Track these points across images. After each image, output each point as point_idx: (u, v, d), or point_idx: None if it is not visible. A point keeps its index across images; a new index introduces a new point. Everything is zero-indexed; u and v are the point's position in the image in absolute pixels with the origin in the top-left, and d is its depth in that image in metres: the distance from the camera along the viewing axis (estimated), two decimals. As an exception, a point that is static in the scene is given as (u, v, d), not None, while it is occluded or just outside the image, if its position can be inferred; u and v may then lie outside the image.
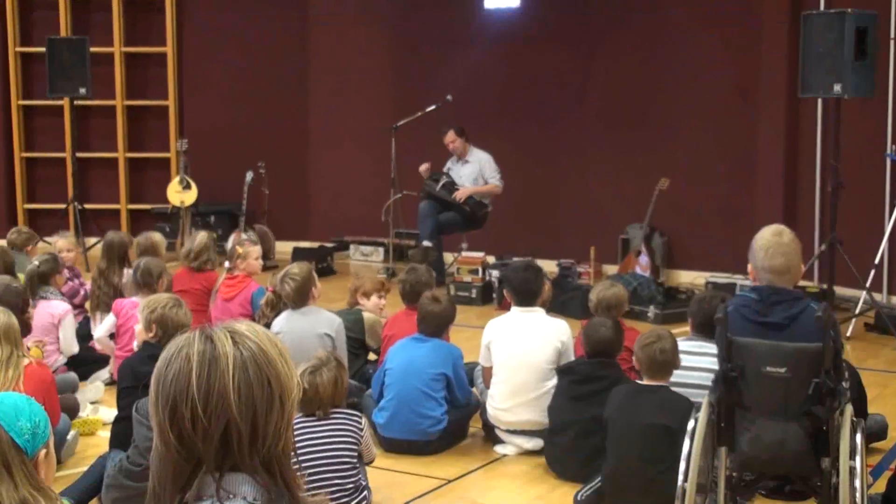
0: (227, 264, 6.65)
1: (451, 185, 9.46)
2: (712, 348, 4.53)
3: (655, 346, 4.51)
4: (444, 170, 9.67)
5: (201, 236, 6.95)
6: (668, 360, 4.53)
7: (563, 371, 5.07)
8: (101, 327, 6.35)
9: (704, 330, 4.81)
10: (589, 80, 10.11)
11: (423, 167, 9.53)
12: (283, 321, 5.63)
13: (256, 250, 6.91)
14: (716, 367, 4.11)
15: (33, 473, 2.17)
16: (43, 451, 2.22)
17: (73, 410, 5.51)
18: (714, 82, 9.49)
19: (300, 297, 5.61)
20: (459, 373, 5.40)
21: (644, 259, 9.17)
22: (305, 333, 5.51)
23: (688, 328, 5.20)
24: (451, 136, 9.49)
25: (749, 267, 4.05)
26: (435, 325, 5.42)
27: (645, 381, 4.58)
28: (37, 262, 6.25)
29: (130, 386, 4.77)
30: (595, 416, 4.70)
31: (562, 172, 10.22)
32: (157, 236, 7.13)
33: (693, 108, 9.57)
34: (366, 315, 6.17)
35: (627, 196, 9.73)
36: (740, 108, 9.39)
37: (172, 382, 1.54)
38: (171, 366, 1.56)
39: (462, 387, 5.42)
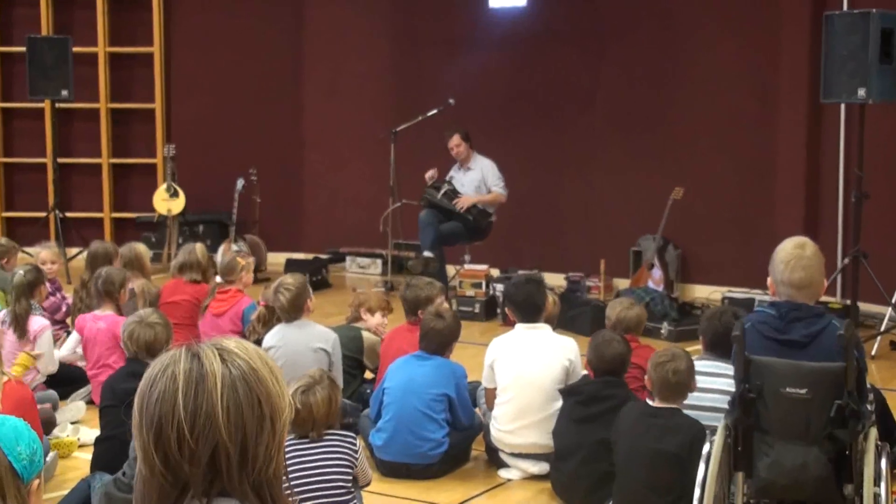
0: (218, 278, 6.64)
1: (453, 194, 9.46)
2: (727, 369, 4.53)
3: (669, 366, 4.49)
4: (447, 178, 9.68)
5: (200, 249, 6.95)
6: (681, 382, 4.50)
7: (568, 392, 5.05)
8: (65, 347, 6.33)
9: (716, 349, 4.80)
10: (599, 84, 10.13)
11: (430, 173, 9.51)
12: (276, 335, 5.64)
13: (252, 262, 6.98)
14: (731, 388, 4.11)
15: (26, 502, 2.17)
16: (36, 482, 2.22)
17: (48, 425, 5.50)
18: (731, 86, 9.49)
19: (295, 310, 5.62)
20: (463, 393, 5.39)
21: (657, 272, 9.16)
22: (300, 348, 5.52)
23: (701, 346, 5.19)
24: (455, 140, 9.49)
25: (769, 280, 4.05)
26: (437, 343, 5.42)
27: (656, 403, 4.57)
28: (22, 272, 6.23)
29: (111, 405, 4.77)
30: (602, 440, 4.69)
31: (570, 181, 10.22)
32: (140, 247, 7.14)
33: (709, 113, 9.58)
34: (365, 334, 6.17)
35: (639, 206, 9.73)
36: (759, 114, 9.40)
37: (157, 403, 1.54)
38: (155, 385, 1.56)
39: (465, 408, 5.42)
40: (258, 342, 5.55)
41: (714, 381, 4.70)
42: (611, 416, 4.68)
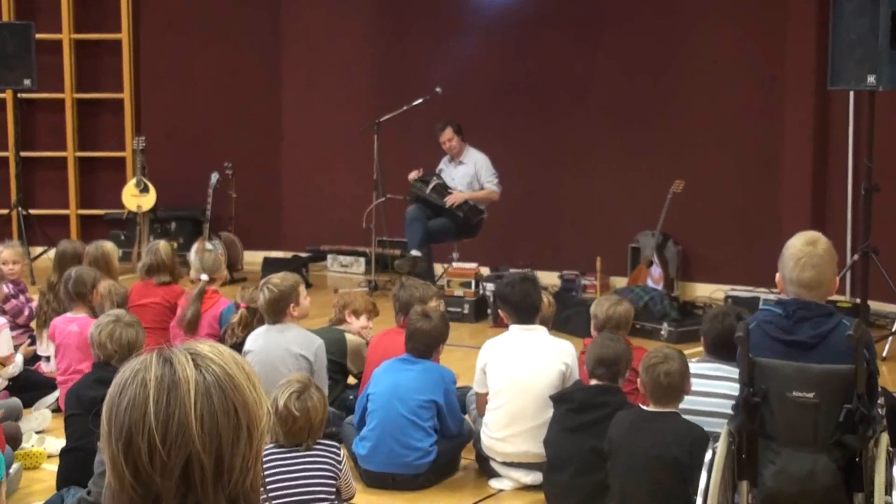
0: (203, 276, 6.57)
1: (443, 188, 9.46)
2: (730, 371, 4.54)
3: (660, 368, 4.49)
4: (436, 171, 9.67)
5: (164, 247, 6.92)
6: (674, 385, 4.49)
7: (559, 399, 5.04)
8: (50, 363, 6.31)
9: (719, 350, 4.80)
10: (594, 73, 10.13)
11: (413, 175, 9.53)
12: (256, 338, 5.62)
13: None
14: (735, 392, 4.12)
15: None
16: None
17: (15, 440, 5.49)
18: (733, 74, 9.51)
19: (273, 312, 5.59)
20: (451, 399, 5.39)
21: (656, 270, 9.18)
22: (280, 353, 5.49)
23: (703, 348, 5.19)
24: (448, 134, 9.49)
25: (777, 277, 4.06)
26: (424, 344, 5.42)
27: (651, 408, 4.56)
28: None
29: (76, 414, 4.76)
30: (595, 449, 4.69)
31: (564, 174, 10.23)
32: (108, 245, 7.11)
33: (710, 102, 9.59)
34: (349, 336, 6.16)
35: (637, 200, 9.75)
36: (763, 103, 9.42)
37: (127, 411, 1.54)
38: (125, 392, 1.55)
39: (454, 415, 5.41)
40: (236, 346, 5.54)
41: (717, 385, 4.70)
42: (605, 425, 4.67)
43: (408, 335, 5.44)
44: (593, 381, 4.94)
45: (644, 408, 4.61)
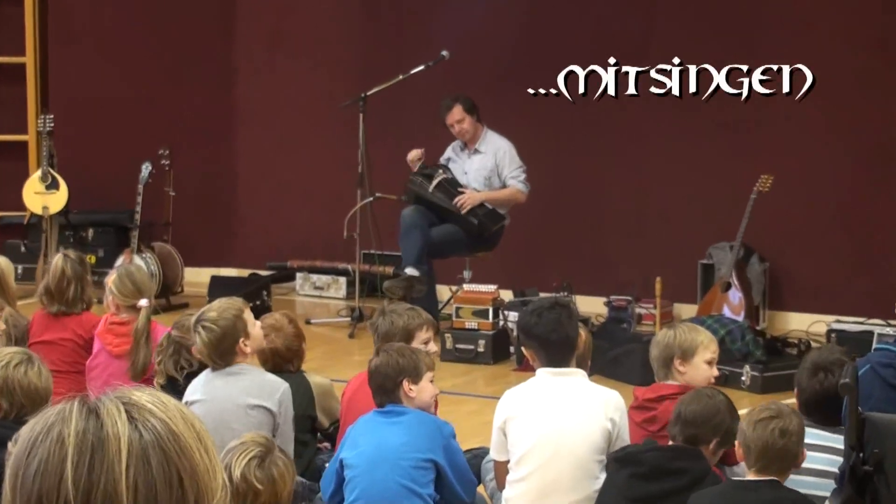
0: (143, 302, 6.55)
1: (452, 185, 9.42)
2: (832, 440, 4.54)
3: (774, 423, 4.44)
4: (442, 160, 9.64)
5: (56, 264, 6.88)
6: (790, 449, 4.43)
7: (623, 460, 5.03)
8: None
9: (817, 412, 4.78)
10: (652, 33, 10.14)
11: (414, 154, 9.48)
12: (201, 386, 5.62)
13: None
14: (836, 469, 4.11)
15: None
16: None
17: None
18: (836, 35, 9.51)
19: (219, 355, 5.56)
20: (455, 458, 5.36)
21: (735, 295, 9.18)
22: (233, 406, 5.49)
23: (795, 400, 5.14)
24: (456, 114, 9.43)
25: (898, 306, 4.08)
26: (389, 377, 5.38)
27: (749, 477, 4.52)
28: None
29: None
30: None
31: (611, 168, 10.23)
32: (1, 260, 7.09)
33: (808, 72, 9.59)
34: (314, 379, 6.15)
35: (710, 202, 9.75)
36: (876, 73, 9.41)
37: (37, 476, 1.55)
38: (35, 451, 1.56)
39: (462, 478, 5.38)
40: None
41: (814, 459, 4.66)
42: (682, 499, 4.64)
43: (369, 379, 5.43)
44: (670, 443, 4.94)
45: (736, 479, 4.55)
